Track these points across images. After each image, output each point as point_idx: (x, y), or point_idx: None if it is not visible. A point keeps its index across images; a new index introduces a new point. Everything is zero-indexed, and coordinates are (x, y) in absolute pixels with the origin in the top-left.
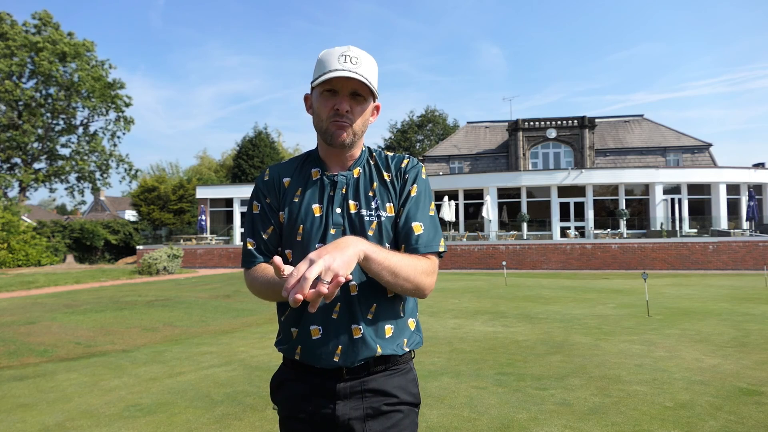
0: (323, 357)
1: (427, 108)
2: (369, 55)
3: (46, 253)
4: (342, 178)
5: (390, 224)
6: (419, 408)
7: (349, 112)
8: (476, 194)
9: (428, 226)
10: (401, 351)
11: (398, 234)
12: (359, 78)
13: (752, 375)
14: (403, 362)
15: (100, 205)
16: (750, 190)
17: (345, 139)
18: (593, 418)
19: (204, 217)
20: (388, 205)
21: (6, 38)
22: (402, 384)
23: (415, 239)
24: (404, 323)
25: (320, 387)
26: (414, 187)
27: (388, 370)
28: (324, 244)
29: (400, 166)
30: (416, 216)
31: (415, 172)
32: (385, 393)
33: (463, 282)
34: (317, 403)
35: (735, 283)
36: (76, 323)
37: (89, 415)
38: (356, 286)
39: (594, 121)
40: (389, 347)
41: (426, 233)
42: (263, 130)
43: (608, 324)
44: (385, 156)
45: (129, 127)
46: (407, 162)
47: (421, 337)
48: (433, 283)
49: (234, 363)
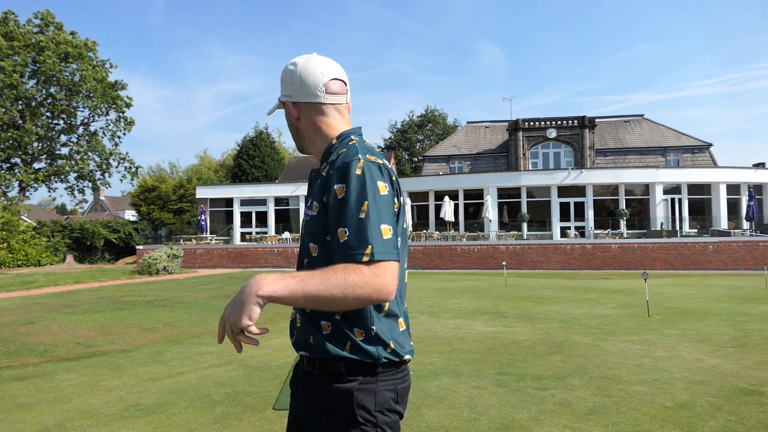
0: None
1: (427, 108)
2: (287, 65)
3: (45, 253)
4: (312, 177)
5: (315, 223)
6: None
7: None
8: (476, 194)
9: (354, 231)
10: (335, 353)
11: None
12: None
13: (752, 375)
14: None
15: (100, 204)
16: (750, 190)
17: (297, 146)
18: (593, 418)
19: (204, 217)
20: (314, 204)
21: (10, 38)
22: (342, 395)
23: (338, 248)
24: (344, 327)
25: (297, 371)
26: (340, 187)
27: (334, 374)
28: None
29: (333, 160)
30: (340, 221)
31: (344, 170)
32: (307, 396)
33: (463, 282)
34: (293, 385)
35: (735, 283)
36: (76, 323)
37: (89, 415)
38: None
39: (594, 121)
40: (324, 344)
41: (351, 240)
42: (264, 130)
43: (608, 324)
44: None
45: (130, 127)
46: (340, 154)
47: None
48: (376, 289)
49: (234, 363)
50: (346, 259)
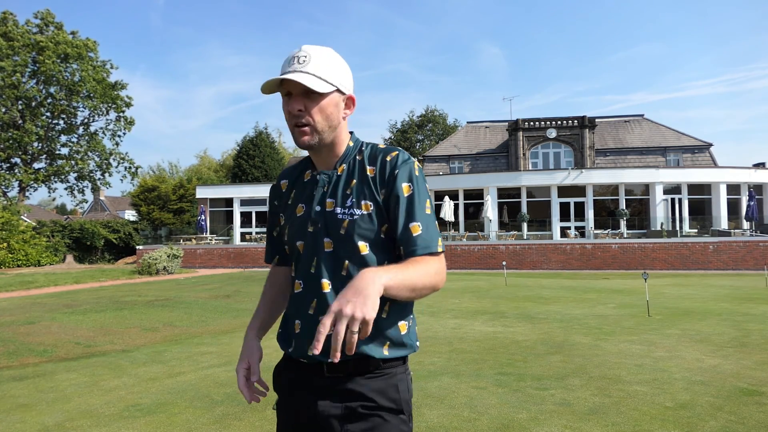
0: (303, 351)
1: (427, 108)
2: (324, 49)
3: (45, 253)
4: (323, 177)
5: (365, 222)
6: (407, 416)
7: (303, 111)
8: (476, 194)
9: (426, 226)
10: (379, 354)
11: (396, 236)
12: (299, 78)
13: (752, 375)
14: (390, 367)
15: (100, 204)
16: (750, 190)
17: (308, 141)
18: (593, 418)
19: (204, 217)
20: (364, 203)
21: (9, 38)
22: (381, 388)
23: (415, 241)
24: (387, 325)
25: (304, 380)
26: (407, 185)
27: (369, 372)
28: (303, 241)
29: (385, 160)
30: (414, 216)
31: (407, 169)
32: (361, 395)
33: (463, 282)
34: (301, 396)
35: (735, 283)
36: (76, 323)
37: (89, 415)
38: (329, 284)
39: (594, 121)
40: (364, 348)
41: (424, 234)
42: (264, 130)
43: (608, 324)
44: (375, 150)
45: (130, 127)
46: (394, 155)
47: (411, 344)
48: (444, 278)
49: (234, 363)
50: (424, 251)
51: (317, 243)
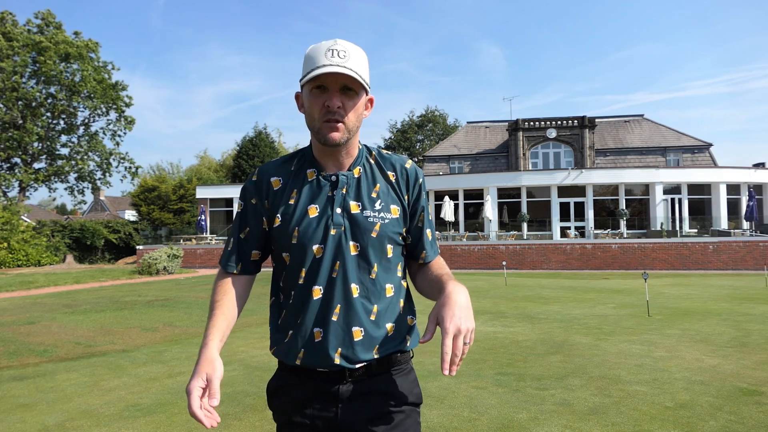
0: (325, 359)
1: (427, 108)
2: (357, 47)
3: (45, 252)
4: (343, 178)
5: (395, 226)
6: (420, 407)
7: (341, 108)
8: (476, 194)
9: (432, 231)
10: (405, 347)
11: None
12: (348, 72)
13: (752, 375)
14: (404, 362)
15: (100, 204)
16: (750, 190)
17: (338, 138)
18: (593, 418)
19: (204, 217)
20: (393, 207)
21: (9, 38)
22: (404, 385)
23: (432, 245)
24: (405, 321)
25: (322, 390)
26: (425, 194)
27: (390, 371)
28: (324, 246)
29: (404, 167)
30: (429, 222)
31: (422, 177)
32: (388, 394)
33: (463, 282)
34: (319, 407)
35: (735, 283)
36: (76, 323)
37: (89, 415)
38: (357, 288)
39: (594, 121)
40: (391, 346)
41: (433, 238)
42: (263, 129)
43: (608, 324)
44: (385, 154)
45: (130, 127)
46: (411, 164)
47: (419, 335)
48: None
49: (234, 363)
50: (437, 254)
51: (341, 246)
